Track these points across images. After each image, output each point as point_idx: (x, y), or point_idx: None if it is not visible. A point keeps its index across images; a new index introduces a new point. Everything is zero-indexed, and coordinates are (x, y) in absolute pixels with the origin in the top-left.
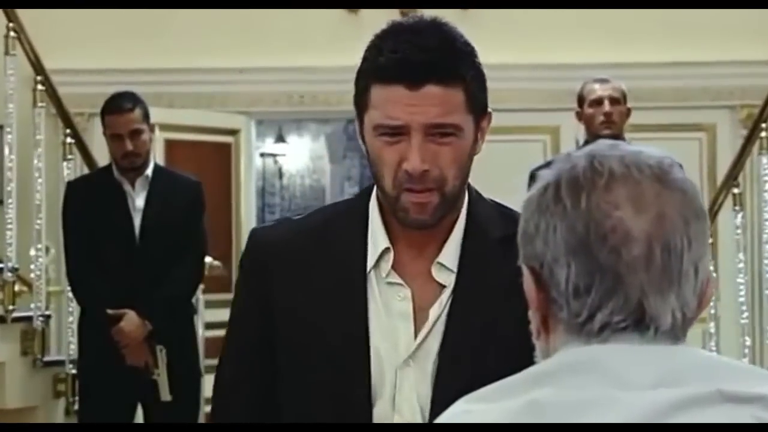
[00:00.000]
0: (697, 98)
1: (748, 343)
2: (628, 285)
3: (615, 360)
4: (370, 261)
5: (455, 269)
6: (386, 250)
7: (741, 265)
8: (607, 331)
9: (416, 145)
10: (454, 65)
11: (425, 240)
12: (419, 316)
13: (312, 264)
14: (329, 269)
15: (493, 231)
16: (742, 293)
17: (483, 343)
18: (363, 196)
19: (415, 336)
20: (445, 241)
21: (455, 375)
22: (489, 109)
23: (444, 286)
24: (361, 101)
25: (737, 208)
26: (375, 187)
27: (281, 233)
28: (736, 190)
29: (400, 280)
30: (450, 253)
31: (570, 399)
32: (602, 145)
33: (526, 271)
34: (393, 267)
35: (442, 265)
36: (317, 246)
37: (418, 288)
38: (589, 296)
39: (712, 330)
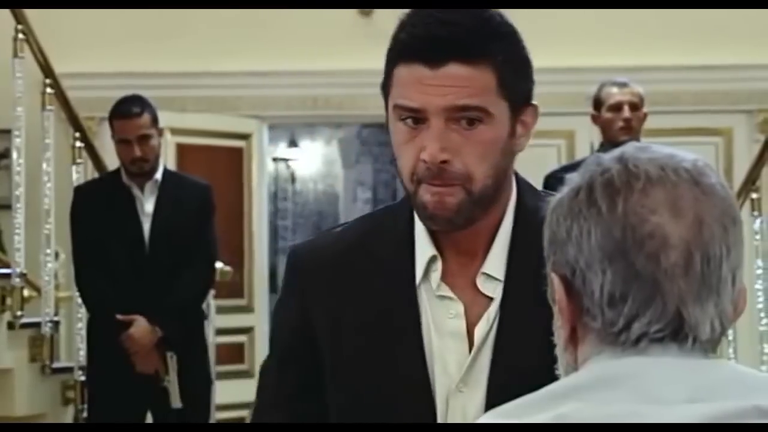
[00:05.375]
0: (714, 102)
1: (767, 350)
2: (666, 293)
3: (647, 374)
4: (419, 273)
5: (502, 278)
6: (433, 258)
7: (759, 271)
8: (644, 342)
9: (435, 132)
10: (482, 42)
11: (473, 246)
12: (471, 335)
13: (357, 281)
14: (377, 285)
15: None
16: (761, 300)
17: (537, 364)
18: (406, 200)
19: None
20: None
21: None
22: (534, 102)
23: (491, 299)
24: (387, 85)
25: (755, 213)
26: None
27: (320, 250)
28: (754, 195)
29: (451, 294)
30: (496, 261)
31: (598, 414)
32: (632, 147)
33: (555, 280)
34: (442, 278)
35: (487, 275)
36: (360, 260)
37: (469, 302)
38: (625, 305)
39: (730, 337)
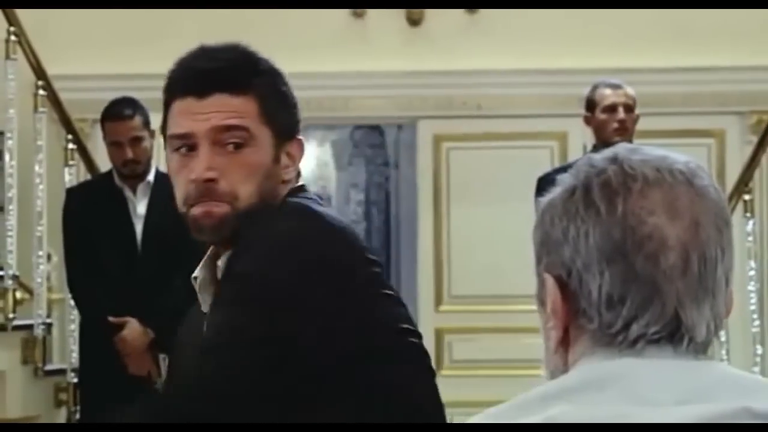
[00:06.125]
0: (706, 104)
1: (759, 351)
2: (664, 294)
3: (637, 375)
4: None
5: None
6: (194, 279)
7: (752, 272)
8: (641, 343)
9: (202, 155)
10: (245, 76)
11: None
12: None
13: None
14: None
15: (250, 235)
16: (753, 301)
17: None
18: None
19: None
20: None
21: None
22: (300, 137)
23: None
24: (164, 121)
25: (748, 215)
26: None
27: None
28: (746, 197)
29: (205, 309)
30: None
31: (587, 415)
32: (623, 148)
33: (549, 281)
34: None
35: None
36: None
37: None
38: (623, 306)
39: (723, 339)
